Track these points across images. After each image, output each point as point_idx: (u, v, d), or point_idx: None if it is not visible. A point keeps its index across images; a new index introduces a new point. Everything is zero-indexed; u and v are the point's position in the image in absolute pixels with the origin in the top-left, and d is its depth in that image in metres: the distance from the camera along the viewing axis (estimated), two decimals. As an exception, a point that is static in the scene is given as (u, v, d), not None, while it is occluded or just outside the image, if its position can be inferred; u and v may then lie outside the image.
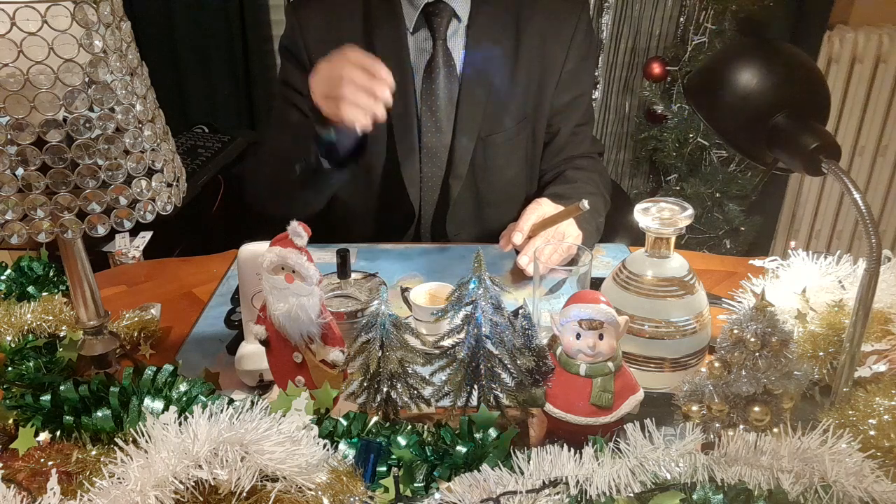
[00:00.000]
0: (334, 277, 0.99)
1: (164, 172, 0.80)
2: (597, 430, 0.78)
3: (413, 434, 0.78)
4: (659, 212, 0.92)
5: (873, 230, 0.74)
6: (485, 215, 1.49)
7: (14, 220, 0.73)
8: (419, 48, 1.37)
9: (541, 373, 0.82)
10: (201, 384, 0.81)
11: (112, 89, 0.73)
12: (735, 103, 0.87)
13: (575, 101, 1.46)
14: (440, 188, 1.44)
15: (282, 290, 0.81)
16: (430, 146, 1.40)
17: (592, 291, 0.83)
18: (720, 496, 0.66)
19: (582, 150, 1.50)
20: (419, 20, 1.35)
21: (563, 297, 0.96)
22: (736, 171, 2.46)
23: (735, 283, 1.13)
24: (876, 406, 0.78)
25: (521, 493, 0.67)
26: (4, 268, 1.14)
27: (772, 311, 0.77)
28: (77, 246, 0.84)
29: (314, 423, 0.72)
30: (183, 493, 0.62)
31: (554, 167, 1.49)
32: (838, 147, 0.80)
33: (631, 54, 2.61)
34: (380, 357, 0.80)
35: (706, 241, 2.54)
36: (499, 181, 1.46)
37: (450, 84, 1.37)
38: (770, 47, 0.91)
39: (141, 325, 1.06)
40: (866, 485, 0.66)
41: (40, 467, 0.71)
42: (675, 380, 0.92)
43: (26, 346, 0.97)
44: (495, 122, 1.41)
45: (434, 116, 1.38)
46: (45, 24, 0.67)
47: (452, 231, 1.47)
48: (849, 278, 0.99)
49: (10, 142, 0.70)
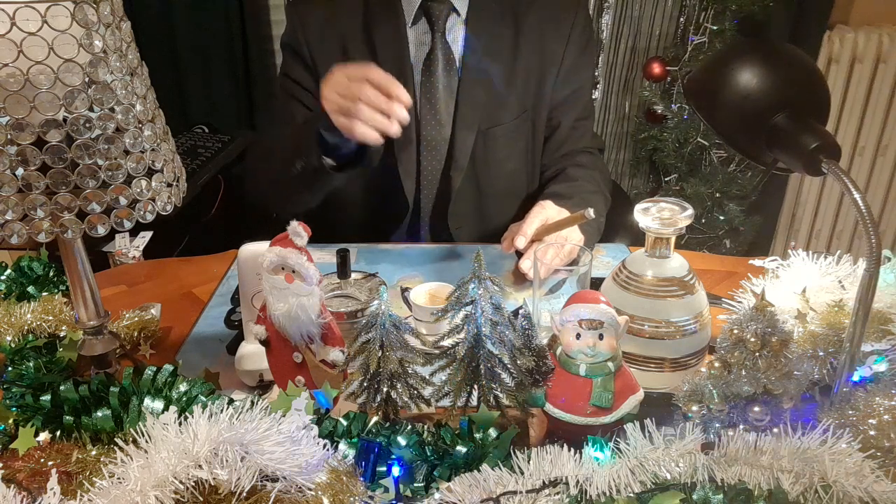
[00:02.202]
0: (334, 277, 0.99)
1: (164, 172, 0.80)
2: (597, 430, 0.78)
3: (413, 434, 0.78)
4: (659, 212, 0.92)
5: (873, 230, 0.74)
6: (486, 209, 1.49)
7: (14, 220, 0.73)
8: (418, 41, 1.38)
9: (541, 373, 0.82)
10: (201, 384, 0.81)
11: (112, 89, 0.73)
12: (735, 103, 0.87)
13: (574, 95, 1.47)
14: (440, 181, 1.44)
15: (282, 290, 0.81)
16: (429, 139, 1.40)
17: (592, 291, 0.83)
18: (720, 496, 0.66)
19: (582, 144, 1.50)
20: (418, 14, 1.36)
21: (563, 297, 0.96)
22: (736, 171, 2.46)
23: (735, 283, 1.13)
24: (876, 406, 0.78)
25: (521, 493, 0.67)
26: (4, 268, 1.14)
27: (772, 311, 0.77)
28: (77, 246, 0.84)
29: (314, 423, 0.72)
30: (183, 493, 0.62)
31: (555, 162, 1.49)
32: (838, 147, 0.80)
33: (631, 54, 2.61)
34: (380, 357, 0.80)
35: (706, 241, 2.54)
36: (499, 174, 1.46)
37: (449, 77, 1.37)
38: (770, 47, 0.91)
39: (141, 325, 1.06)
40: (866, 485, 0.66)
41: (40, 467, 0.71)
42: (675, 380, 0.92)
43: (26, 346, 0.96)
44: (495, 115, 1.41)
45: (434, 109, 1.38)
46: (45, 24, 0.67)
47: (454, 226, 1.47)
48: (849, 278, 0.99)
49: (10, 142, 0.70)
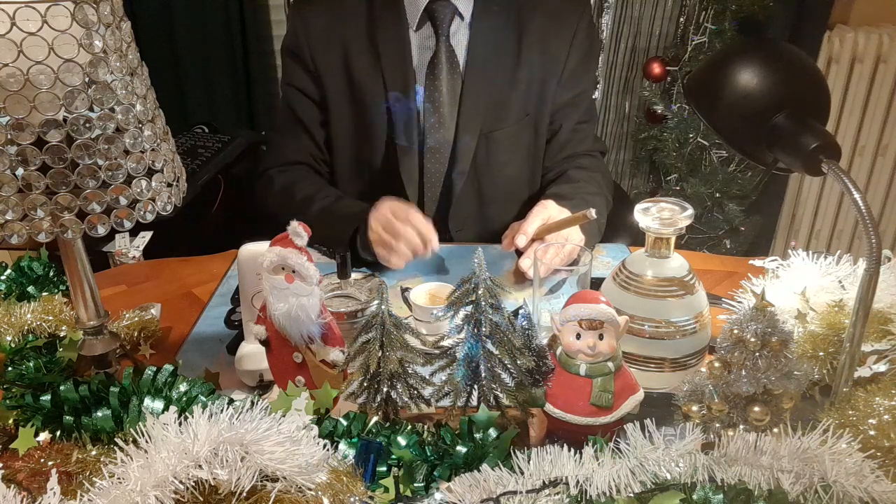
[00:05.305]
0: (334, 277, 0.99)
1: (164, 172, 0.80)
2: (597, 430, 0.78)
3: (413, 434, 0.78)
4: (659, 212, 0.92)
5: (873, 230, 0.74)
6: (487, 212, 1.49)
7: (14, 220, 0.73)
8: (422, 45, 1.38)
9: (541, 373, 0.82)
10: (201, 384, 0.81)
11: (112, 89, 0.73)
12: (735, 103, 0.87)
13: (577, 99, 1.47)
14: (442, 185, 1.44)
15: (282, 290, 0.81)
16: (432, 143, 1.40)
17: (592, 291, 0.83)
18: (720, 496, 0.66)
19: (584, 147, 1.50)
20: (422, 18, 1.36)
21: (563, 297, 0.96)
22: (736, 171, 2.46)
23: (735, 283, 1.13)
24: (876, 406, 0.78)
25: (521, 493, 0.67)
26: (4, 268, 1.14)
27: (772, 311, 0.77)
28: (77, 246, 0.84)
29: (314, 423, 0.72)
30: (183, 493, 0.62)
31: (556, 165, 1.49)
32: (838, 147, 0.80)
33: (631, 54, 2.61)
34: (380, 357, 0.80)
35: (706, 241, 2.54)
36: (501, 178, 1.46)
37: (453, 81, 1.37)
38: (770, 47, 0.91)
39: (141, 325, 1.06)
40: (866, 485, 0.65)
41: (40, 467, 0.71)
42: (675, 380, 0.92)
43: (26, 346, 0.96)
44: (498, 119, 1.41)
45: (437, 113, 1.38)
46: (45, 24, 0.67)
47: (454, 228, 1.47)
48: (849, 278, 0.99)
49: (10, 142, 0.70)
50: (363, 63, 1.38)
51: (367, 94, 1.39)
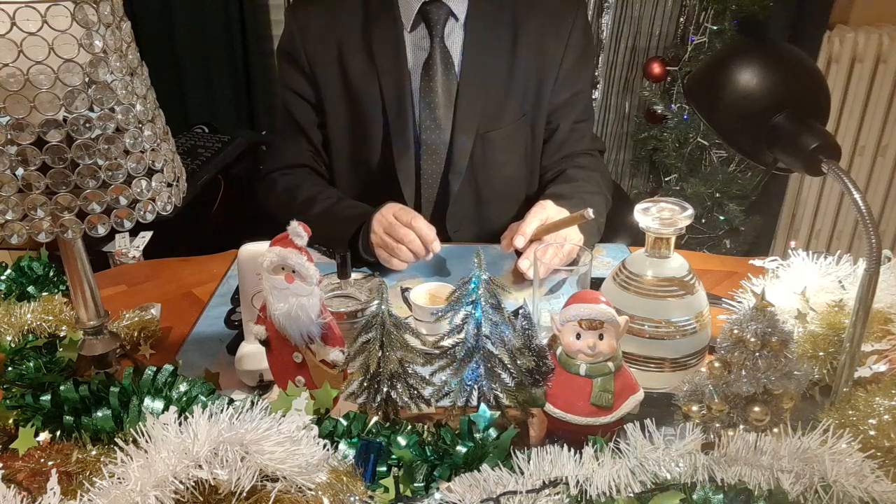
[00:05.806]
0: (334, 277, 0.99)
1: (164, 172, 0.80)
2: (597, 430, 0.78)
3: (413, 434, 0.78)
4: (659, 212, 0.92)
5: (873, 230, 0.74)
6: (484, 213, 1.49)
7: (14, 220, 0.73)
8: (417, 46, 1.38)
9: (541, 373, 0.82)
10: (201, 384, 0.81)
11: (112, 89, 0.73)
12: (735, 103, 0.87)
13: (573, 98, 1.46)
14: (439, 185, 1.44)
15: (282, 290, 0.81)
16: (428, 143, 1.40)
17: (592, 291, 0.83)
18: (720, 496, 0.66)
19: (582, 146, 1.50)
20: (416, 19, 1.36)
21: (563, 297, 0.96)
22: (736, 171, 2.46)
23: (735, 283, 1.13)
24: (876, 406, 0.78)
25: (521, 493, 0.67)
26: (4, 268, 1.14)
27: (772, 311, 0.77)
28: (77, 246, 0.84)
29: (314, 423, 0.72)
30: (183, 493, 0.62)
31: (555, 165, 1.49)
32: (838, 147, 0.80)
33: (631, 54, 2.61)
34: (380, 357, 0.80)
35: (706, 241, 2.54)
36: (498, 178, 1.46)
37: (448, 82, 1.38)
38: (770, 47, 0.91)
39: (141, 325, 1.06)
40: (866, 485, 0.65)
41: (40, 467, 0.71)
42: (675, 380, 0.92)
43: (26, 346, 0.96)
44: (494, 119, 1.41)
45: (433, 114, 1.38)
46: (45, 24, 0.67)
47: (452, 228, 1.47)
48: (849, 278, 0.99)
49: (10, 142, 0.70)
50: (358, 64, 1.38)
51: (363, 96, 1.39)
